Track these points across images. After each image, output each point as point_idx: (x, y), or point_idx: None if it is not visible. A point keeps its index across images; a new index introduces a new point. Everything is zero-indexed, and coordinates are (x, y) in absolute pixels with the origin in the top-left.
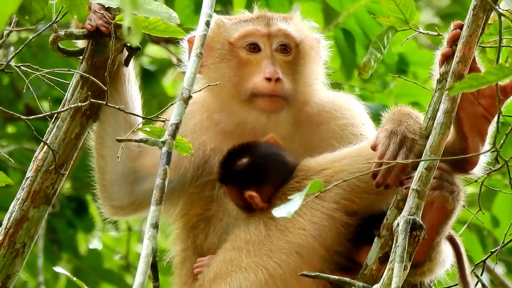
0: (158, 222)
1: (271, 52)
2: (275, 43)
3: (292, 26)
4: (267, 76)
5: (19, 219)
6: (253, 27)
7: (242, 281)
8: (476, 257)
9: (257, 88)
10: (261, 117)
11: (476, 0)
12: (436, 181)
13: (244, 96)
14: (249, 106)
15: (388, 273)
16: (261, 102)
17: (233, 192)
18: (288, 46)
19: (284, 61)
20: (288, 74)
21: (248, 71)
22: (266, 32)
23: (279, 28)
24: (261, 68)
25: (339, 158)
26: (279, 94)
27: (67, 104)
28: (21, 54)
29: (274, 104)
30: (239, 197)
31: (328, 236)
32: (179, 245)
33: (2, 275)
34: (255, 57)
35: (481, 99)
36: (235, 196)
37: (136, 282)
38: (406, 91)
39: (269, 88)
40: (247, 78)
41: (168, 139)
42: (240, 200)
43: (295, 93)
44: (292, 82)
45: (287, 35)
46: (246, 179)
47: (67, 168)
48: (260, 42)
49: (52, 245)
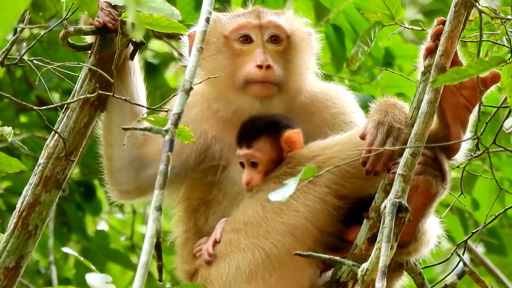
0: (161, 205)
1: (262, 43)
2: (266, 34)
3: (282, 19)
4: (258, 64)
5: (32, 202)
6: (245, 20)
7: (240, 261)
8: (458, 237)
9: (250, 75)
10: (255, 103)
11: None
12: (420, 167)
13: (239, 84)
14: (243, 93)
15: (376, 252)
16: (254, 88)
17: (266, 145)
18: (279, 37)
19: (275, 51)
20: (279, 62)
21: (241, 61)
22: (257, 24)
23: (269, 20)
24: (253, 57)
25: (330, 145)
26: (270, 80)
27: (77, 95)
28: (33, 49)
29: (266, 89)
30: (272, 148)
31: (320, 218)
32: (181, 226)
33: (16, 255)
34: (248, 48)
35: (463, 90)
36: (268, 147)
37: (141, 261)
38: (392, 83)
39: (260, 75)
40: (241, 67)
41: (170, 128)
42: (273, 152)
43: (286, 80)
44: (283, 70)
45: (277, 27)
46: (282, 122)
47: (77, 155)
48: (252, 33)
49: (62, 227)
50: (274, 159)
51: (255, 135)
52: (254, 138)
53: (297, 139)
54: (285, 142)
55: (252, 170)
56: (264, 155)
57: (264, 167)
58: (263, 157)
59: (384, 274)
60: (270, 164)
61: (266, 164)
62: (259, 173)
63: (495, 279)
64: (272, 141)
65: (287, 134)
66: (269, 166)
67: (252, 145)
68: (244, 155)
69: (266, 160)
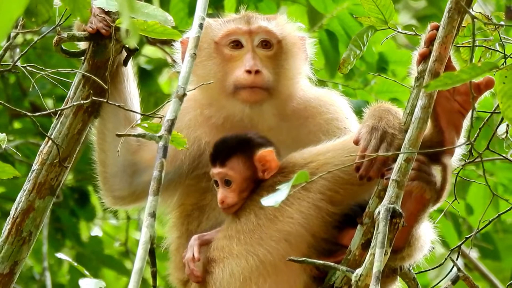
0: (155, 211)
1: (252, 48)
2: (257, 40)
3: (273, 24)
4: (247, 69)
5: (26, 209)
6: (235, 26)
7: (234, 267)
8: (451, 242)
9: (239, 81)
10: (245, 108)
11: (451, 3)
12: (414, 172)
13: (229, 90)
14: (233, 99)
15: (370, 258)
16: (243, 93)
17: (239, 163)
18: (270, 42)
19: (265, 56)
20: (269, 67)
21: (231, 66)
22: (247, 30)
23: (259, 26)
24: (242, 62)
25: (323, 152)
26: (259, 86)
27: (70, 101)
28: (27, 55)
29: (255, 95)
30: (246, 166)
31: (314, 224)
32: (175, 232)
33: (10, 261)
34: (238, 53)
35: (456, 95)
36: (241, 166)
37: (135, 267)
38: (386, 88)
39: (249, 80)
40: (231, 72)
41: (164, 134)
42: (246, 170)
43: (276, 85)
44: (273, 75)
45: (268, 32)
46: (254, 141)
47: (70, 161)
48: (242, 39)
49: (56, 233)
50: (247, 178)
51: (228, 154)
52: (227, 157)
53: (271, 158)
54: (259, 161)
55: (226, 189)
56: (237, 174)
57: (238, 186)
58: (236, 175)
59: (378, 280)
60: (244, 182)
61: (240, 183)
62: (233, 192)
63: (489, 284)
64: (246, 159)
65: (260, 153)
66: (243, 185)
67: (225, 164)
68: (218, 174)
69: (240, 178)
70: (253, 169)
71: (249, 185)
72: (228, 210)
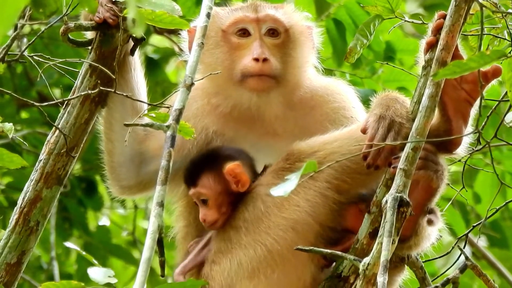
0: (163, 201)
1: (260, 36)
2: (264, 28)
3: (280, 12)
4: (254, 57)
5: (33, 198)
6: (243, 14)
7: (242, 257)
8: (459, 231)
9: (246, 69)
10: (252, 96)
11: None
12: (421, 161)
13: (236, 78)
14: (241, 87)
15: (378, 247)
16: (250, 81)
17: (209, 180)
18: (277, 31)
19: (273, 44)
20: (277, 56)
21: (239, 54)
22: (254, 18)
23: (267, 14)
24: (250, 51)
25: (330, 141)
26: (267, 74)
27: (77, 91)
28: (34, 45)
29: (262, 83)
30: (216, 181)
31: (321, 212)
32: (182, 221)
33: (18, 251)
34: (246, 41)
35: (464, 84)
36: (212, 182)
37: (144, 256)
38: (393, 77)
39: (257, 68)
40: (238, 60)
41: (172, 124)
42: (218, 185)
43: (284, 73)
44: (281, 63)
45: (275, 20)
46: (222, 154)
47: (78, 151)
48: (249, 27)
49: (64, 223)
50: (221, 192)
51: (197, 173)
52: (197, 176)
53: (239, 171)
54: (229, 174)
55: (204, 208)
56: (210, 191)
57: (214, 202)
58: (209, 192)
59: (385, 269)
60: (219, 197)
61: (215, 199)
62: (211, 209)
63: (497, 273)
64: (215, 175)
65: (227, 167)
66: (218, 200)
67: (196, 183)
68: (193, 194)
69: (213, 195)
70: (225, 183)
71: (225, 199)
72: (212, 227)
